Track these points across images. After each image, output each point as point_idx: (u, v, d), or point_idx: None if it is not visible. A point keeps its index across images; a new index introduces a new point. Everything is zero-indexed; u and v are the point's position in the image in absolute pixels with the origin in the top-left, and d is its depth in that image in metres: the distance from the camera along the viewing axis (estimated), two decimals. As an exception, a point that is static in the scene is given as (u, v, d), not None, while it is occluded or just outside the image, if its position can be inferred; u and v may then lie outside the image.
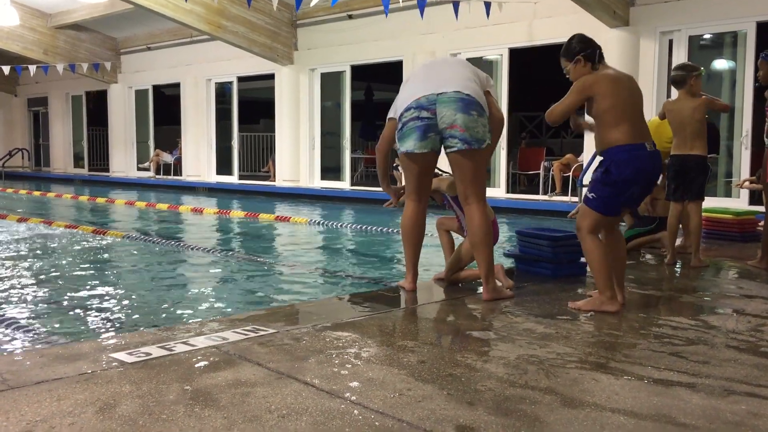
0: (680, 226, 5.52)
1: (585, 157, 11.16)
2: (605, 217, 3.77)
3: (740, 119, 9.90)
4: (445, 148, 3.95)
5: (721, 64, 10.53)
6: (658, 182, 4.84)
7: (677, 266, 5.38)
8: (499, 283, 4.15)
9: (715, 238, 6.69)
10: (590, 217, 3.77)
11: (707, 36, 10.45)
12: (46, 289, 5.71)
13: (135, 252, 7.78)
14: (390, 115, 4.20)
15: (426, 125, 3.88)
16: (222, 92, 17.81)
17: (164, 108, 20.14)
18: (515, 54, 12.31)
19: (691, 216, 5.42)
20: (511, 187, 13.09)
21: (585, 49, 3.90)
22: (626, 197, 3.78)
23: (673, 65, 9.94)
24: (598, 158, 3.93)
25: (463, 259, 4.35)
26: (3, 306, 5.04)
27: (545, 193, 12.50)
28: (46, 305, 5.15)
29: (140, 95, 19.90)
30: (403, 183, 4.31)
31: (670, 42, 10.44)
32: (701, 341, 3.20)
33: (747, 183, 7.63)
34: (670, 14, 10.30)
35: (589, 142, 4.19)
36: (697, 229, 5.40)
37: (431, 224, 4.74)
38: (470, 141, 3.86)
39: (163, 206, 13.18)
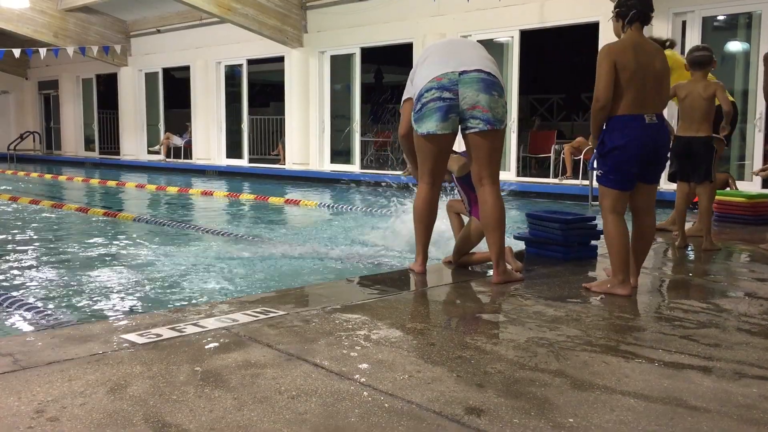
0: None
1: (596, 140, 11.08)
2: (622, 194, 3.73)
3: (754, 102, 9.80)
4: (464, 129, 3.93)
5: (735, 45, 10.41)
6: None
7: (688, 249, 5.34)
8: (508, 266, 4.14)
9: (728, 221, 6.65)
10: (605, 195, 3.76)
11: (721, 17, 10.33)
12: (57, 271, 5.74)
13: (145, 234, 7.81)
14: (408, 95, 4.15)
15: (448, 106, 3.85)
16: (232, 75, 17.78)
17: (174, 91, 20.15)
18: (526, 36, 12.21)
19: (700, 199, 5.39)
20: (522, 170, 13.04)
21: (621, 7, 3.79)
22: (627, 168, 3.68)
23: (687, 47, 9.87)
24: None
25: (472, 240, 4.33)
26: (15, 287, 5.07)
27: (556, 176, 12.45)
28: (57, 286, 5.18)
29: (150, 78, 19.90)
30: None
31: (683, 23, 10.33)
32: (712, 324, 3.18)
33: (762, 171, 7.58)
34: (683, -5, 10.18)
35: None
36: (708, 212, 5.36)
37: (442, 208, 4.73)
38: (493, 121, 3.86)
39: (174, 189, 13.22)
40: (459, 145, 4.05)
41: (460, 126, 3.95)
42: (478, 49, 4.09)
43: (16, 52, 17.94)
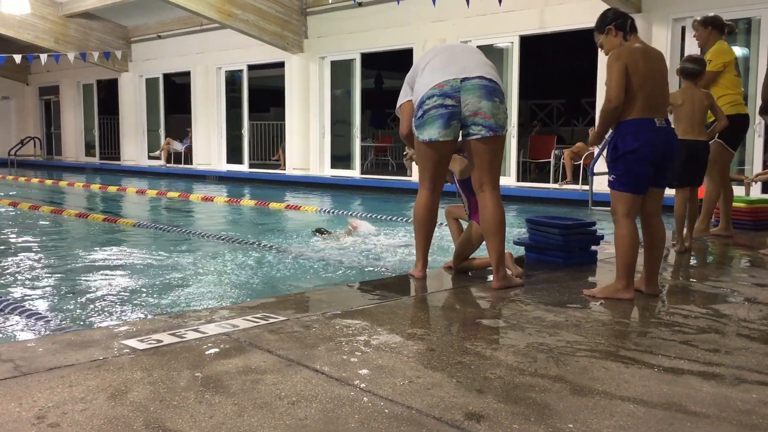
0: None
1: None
2: (636, 197, 3.74)
3: (753, 107, 9.79)
4: (466, 135, 3.94)
5: (734, 51, 10.40)
6: None
7: (687, 254, 5.35)
8: (508, 272, 4.14)
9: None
10: (619, 199, 3.75)
11: (720, 23, 10.33)
12: (57, 277, 5.75)
13: (145, 240, 7.82)
14: (406, 98, 4.14)
15: (450, 113, 3.86)
16: (232, 81, 17.82)
17: (175, 96, 20.19)
18: (526, 41, 12.23)
19: (697, 199, 5.51)
20: (522, 175, 13.05)
21: (617, 19, 3.87)
22: (642, 172, 3.70)
23: (686, 53, 9.90)
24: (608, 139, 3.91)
25: (472, 244, 4.33)
26: (15, 293, 5.08)
27: (556, 181, 12.46)
28: (57, 292, 5.18)
29: (151, 84, 19.94)
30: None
31: (683, 29, 10.35)
32: (712, 330, 3.19)
33: (760, 175, 7.63)
34: (682, 1, 10.21)
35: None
36: (709, 213, 5.69)
37: (441, 213, 4.73)
38: (495, 127, 3.87)
39: (174, 194, 13.22)
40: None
41: (461, 132, 3.96)
42: (478, 55, 4.10)
43: (17, 57, 17.98)
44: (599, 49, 4.05)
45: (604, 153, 3.98)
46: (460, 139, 4.02)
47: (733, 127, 5.65)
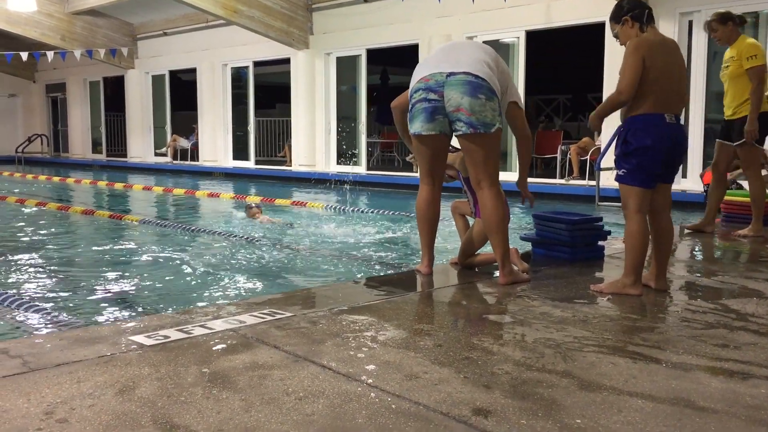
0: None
1: (602, 140, 11.08)
2: (647, 192, 3.70)
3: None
4: (454, 131, 3.92)
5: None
6: None
7: (693, 249, 5.33)
8: (515, 267, 4.13)
9: (734, 221, 6.62)
10: (630, 193, 3.71)
11: (728, 17, 10.26)
12: (64, 273, 5.77)
13: (152, 236, 7.84)
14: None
15: (433, 107, 3.83)
16: (238, 77, 17.82)
17: (181, 93, 20.21)
18: (532, 36, 12.19)
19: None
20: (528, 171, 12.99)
21: (633, 9, 3.81)
22: (652, 168, 3.67)
23: (694, 47, 9.88)
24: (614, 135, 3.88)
25: (475, 243, 4.32)
26: (23, 289, 5.10)
27: (562, 176, 12.43)
28: (65, 289, 5.20)
29: (157, 81, 19.96)
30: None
31: (690, 23, 10.30)
32: (720, 325, 3.17)
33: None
34: (690, -5, 10.15)
35: (607, 125, 4.14)
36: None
37: (447, 209, 4.72)
38: (476, 125, 3.78)
39: (180, 191, 13.24)
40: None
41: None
42: (477, 52, 3.97)
43: (24, 55, 18.04)
44: (615, 39, 3.98)
45: (611, 148, 3.94)
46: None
47: (764, 124, 5.53)
